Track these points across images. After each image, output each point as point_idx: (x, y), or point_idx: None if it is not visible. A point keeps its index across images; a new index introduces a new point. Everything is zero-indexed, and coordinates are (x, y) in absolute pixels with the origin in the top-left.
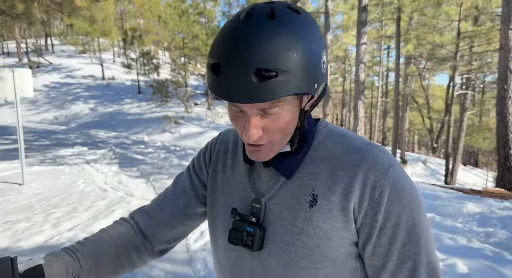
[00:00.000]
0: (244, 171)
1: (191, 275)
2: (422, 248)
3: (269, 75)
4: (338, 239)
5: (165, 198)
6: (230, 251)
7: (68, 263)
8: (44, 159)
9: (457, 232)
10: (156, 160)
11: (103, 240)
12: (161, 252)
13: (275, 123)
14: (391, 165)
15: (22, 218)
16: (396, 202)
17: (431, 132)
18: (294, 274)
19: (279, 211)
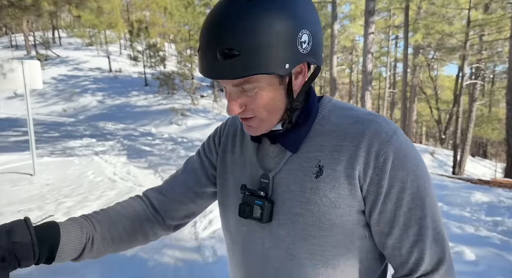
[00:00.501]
0: (252, 150)
1: (200, 262)
2: (427, 213)
3: (232, 54)
4: (345, 207)
5: (176, 178)
6: (241, 226)
7: (82, 224)
8: (53, 150)
9: (465, 221)
10: (163, 152)
11: (117, 210)
12: (174, 227)
13: (254, 101)
14: (395, 132)
15: (34, 207)
16: (400, 168)
17: (439, 123)
18: (304, 242)
19: (287, 184)
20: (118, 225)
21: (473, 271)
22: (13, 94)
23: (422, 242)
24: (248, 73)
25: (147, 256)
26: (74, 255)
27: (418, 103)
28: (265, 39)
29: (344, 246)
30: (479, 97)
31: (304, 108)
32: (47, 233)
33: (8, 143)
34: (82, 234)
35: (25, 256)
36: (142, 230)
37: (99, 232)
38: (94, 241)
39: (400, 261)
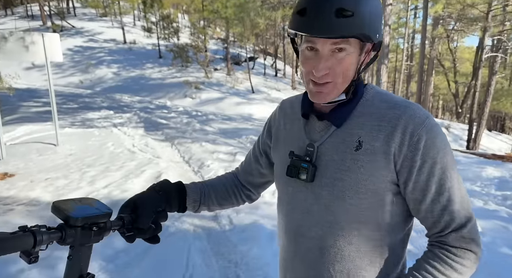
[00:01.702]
0: (300, 125)
1: (217, 229)
2: (454, 183)
3: (346, 14)
4: (379, 176)
5: (250, 159)
6: (287, 187)
7: (201, 188)
8: (74, 122)
9: (474, 195)
10: (179, 125)
11: (219, 182)
12: (258, 193)
13: (339, 65)
14: (427, 117)
15: (60, 176)
16: (431, 147)
17: (457, 97)
18: (341, 202)
19: (330, 153)
20: (220, 193)
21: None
22: (31, 65)
23: (451, 206)
24: (356, 32)
25: (168, 223)
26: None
27: (436, 76)
28: (374, 7)
29: (375, 208)
30: (500, 70)
31: (354, 88)
32: (182, 197)
33: (31, 113)
34: (200, 195)
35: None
36: (234, 198)
37: (207, 197)
38: (204, 200)
39: (432, 222)
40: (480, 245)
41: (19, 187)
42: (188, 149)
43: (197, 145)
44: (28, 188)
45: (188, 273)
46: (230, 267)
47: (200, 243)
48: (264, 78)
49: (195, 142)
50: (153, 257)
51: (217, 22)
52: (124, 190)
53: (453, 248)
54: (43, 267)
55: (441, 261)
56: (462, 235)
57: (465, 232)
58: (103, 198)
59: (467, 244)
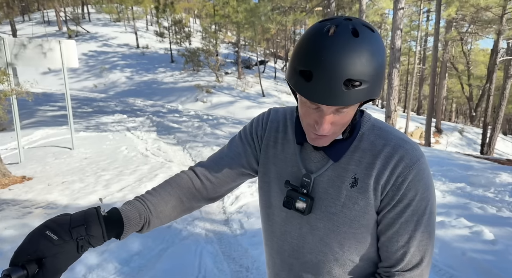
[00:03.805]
0: (293, 150)
1: (228, 233)
2: (419, 228)
3: (354, 84)
4: (371, 212)
5: (222, 159)
6: (280, 212)
7: (140, 210)
8: (88, 126)
9: (488, 201)
10: (190, 129)
11: (167, 191)
12: (215, 199)
13: (342, 120)
14: (418, 160)
15: (76, 179)
16: (412, 189)
17: (470, 100)
18: (336, 235)
19: (325, 187)
20: (169, 205)
21: (490, 250)
22: (47, 70)
23: (406, 248)
24: (363, 100)
25: (181, 227)
26: (134, 232)
27: (449, 79)
28: (378, 70)
29: (367, 240)
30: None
31: (351, 127)
32: (113, 225)
33: (47, 117)
34: (140, 220)
35: (96, 243)
36: (190, 206)
37: (154, 215)
38: (151, 223)
39: (385, 255)
40: None
41: (37, 190)
42: (199, 153)
43: (208, 148)
44: (45, 191)
45: (201, 276)
46: (241, 271)
47: (212, 247)
48: (274, 81)
49: (206, 145)
50: (166, 260)
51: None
52: (137, 193)
53: None
54: None
55: None
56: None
57: (407, 276)
58: (118, 202)
59: None
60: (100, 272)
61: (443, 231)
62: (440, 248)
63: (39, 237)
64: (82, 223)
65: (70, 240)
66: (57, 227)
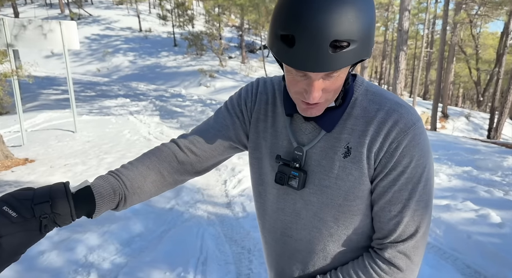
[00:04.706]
0: (283, 122)
1: (230, 216)
2: (415, 196)
3: (341, 46)
4: (366, 183)
5: (207, 131)
6: (272, 188)
7: (114, 185)
8: (91, 109)
9: (495, 185)
10: (193, 113)
11: (146, 165)
12: (200, 173)
13: (333, 85)
14: (413, 124)
15: (79, 162)
16: (407, 155)
17: (478, 85)
18: (331, 209)
19: (318, 159)
20: (148, 180)
21: (497, 233)
22: (50, 54)
23: (400, 217)
24: (353, 62)
25: (183, 209)
26: (108, 210)
27: (456, 64)
28: (367, 29)
29: (363, 212)
30: None
31: (343, 93)
32: (84, 202)
33: (50, 100)
34: (114, 196)
35: (63, 223)
36: (172, 181)
37: (130, 191)
38: (127, 199)
39: (378, 226)
40: (414, 264)
41: (40, 172)
42: None
43: None
44: (48, 173)
45: (202, 257)
46: (243, 253)
47: (214, 230)
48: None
49: None
50: (168, 241)
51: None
52: None
53: (382, 261)
54: (62, 249)
55: (365, 270)
56: (398, 250)
57: (402, 247)
58: None
59: (398, 260)
60: (101, 253)
61: (448, 214)
62: (445, 231)
63: None
64: (46, 199)
65: (31, 218)
66: (17, 202)
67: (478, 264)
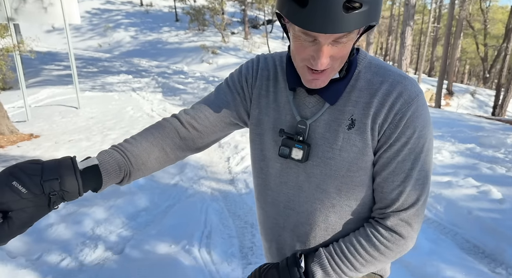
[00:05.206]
0: (286, 97)
1: (233, 192)
2: (417, 166)
3: (354, 7)
4: (369, 154)
5: (209, 107)
6: (275, 163)
7: (120, 162)
8: (94, 85)
9: (497, 162)
10: (196, 90)
11: (150, 141)
12: (199, 149)
13: (340, 52)
14: (416, 96)
15: (83, 138)
16: (410, 126)
17: (485, 61)
18: (334, 180)
19: (322, 132)
20: (152, 156)
21: (497, 209)
22: (51, 28)
23: (402, 187)
24: (364, 24)
25: (187, 185)
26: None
27: (464, 39)
28: None
29: (365, 183)
30: None
31: (347, 64)
32: (91, 178)
33: (52, 76)
34: (120, 173)
35: (71, 199)
36: (174, 157)
37: (135, 167)
38: (131, 175)
39: (380, 197)
40: (415, 231)
41: (45, 147)
42: None
43: None
44: (53, 148)
45: (206, 230)
46: (246, 227)
47: (217, 205)
48: (282, 42)
49: None
50: (173, 216)
51: None
52: None
53: (385, 229)
54: (70, 222)
55: (368, 238)
56: (400, 218)
57: (404, 215)
58: None
59: (400, 228)
60: (108, 226)
61: (449, 191)
62: (445, 207)
63: (3, 187)
64: (55, 176)
65: (41, 194)
66: (26, 178)
67: (477, 239)
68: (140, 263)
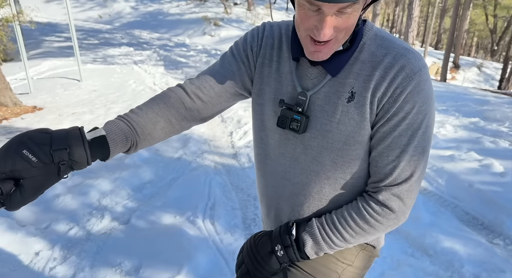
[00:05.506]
0: (289, 67)
1: (237, 166)
2: (413, 142)
3: None
4: (367, 128)
5: (214, 77)
6: (274, 133)
7: (126, 132)
8: (95, 58)
9: (501, 135)
10: (198, 64)
11: (155, 112)
12: (204, 119)
13: (345, 23)
14: (419, 70)
15: (86, 111)
16: (410, 101)
17: (494, 33)
18: (330, 153)
19: (321, 104)
20: (158, 127)
21: (498, 182)
22: None
23: (397, 162)
24: None
25: (190, 159)
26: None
27: (473, 10)
28: None
29: (360, 157)
30: None
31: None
32: (98, 149)
33: (53, 48)
34: (127, 142)
35: (79, 168)
36: (179, 127)
37: (141, 137)
38: (138, 145)
39: (374, 170)
40: (407, 206)
41: (48, 120)
42: None
43: None
44: (56, 121)
45: (210, 203)
46: (249, 200)
47: (221, 178)
48: (286, 13)
49: None
50: (177, 188)
51: None
52: None
53: (376, 203)
54: (76, 193)
55: (359, 211)
56: (392, 192)
57: (396, 190)
58: None
59: (391, 202)
60: (114, 198)
61: (451, 165)
62: (447, 181)
63: (14, 155)
64: (64, 146)
65: (50, 163)
66: (36, 147)
67: (476, 211)
68: (146, 233)
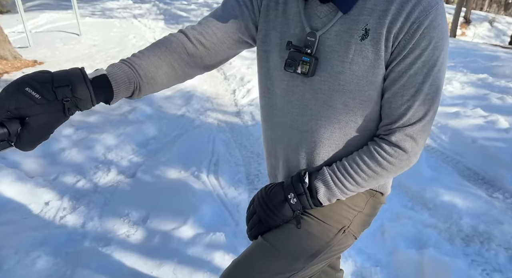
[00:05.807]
0: (297, 8)
1: (240, 124)
2: (429, 80)
3: None
4: (381, 67)
5: (216, 22)
6: (281, 80)
7: (129, 74)
8: (94, 11)
9: (509, 92)
10: (199, 18)
11: (157, 55)
12: (209, 68)
13: None
14: (436, 3)
15: (87, 66)
16: (426, 37)
17: None
18: (341, 96)
19: (332, 44)
20: (160, 71)
21: (502, 138)
22: None
23: (411, 102)
24: None
25: (194, 116)
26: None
27: None
28: None
29: (373, 98)
30: None
31: None
32: (101, 88)
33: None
34: (130, 84)
35: (85, 107)
36: (182, 74)
37: (144, 81)
38: (141, 89)
39: (387, 112)
40: (419, 146)
41: None
42: None
43: None
44: None
45: (214, 159)
46: (252, 157)
47: (224, 136)
48: None
49: None
50: (181, 145)
51: None
52: None
53: (388, 145)
54: (81, 147)
55: (371, 155)
56: (405, 133)
57: (409, 130)
58: None
59: (404, 142)
60: (119, 152)
61: (456, 121)
62: (450, 137)
63: (17, 93)
64: (66, 83)
65: (54, 100)
66: (38, 84)
67: (478, 166)
68: (152, 186)
